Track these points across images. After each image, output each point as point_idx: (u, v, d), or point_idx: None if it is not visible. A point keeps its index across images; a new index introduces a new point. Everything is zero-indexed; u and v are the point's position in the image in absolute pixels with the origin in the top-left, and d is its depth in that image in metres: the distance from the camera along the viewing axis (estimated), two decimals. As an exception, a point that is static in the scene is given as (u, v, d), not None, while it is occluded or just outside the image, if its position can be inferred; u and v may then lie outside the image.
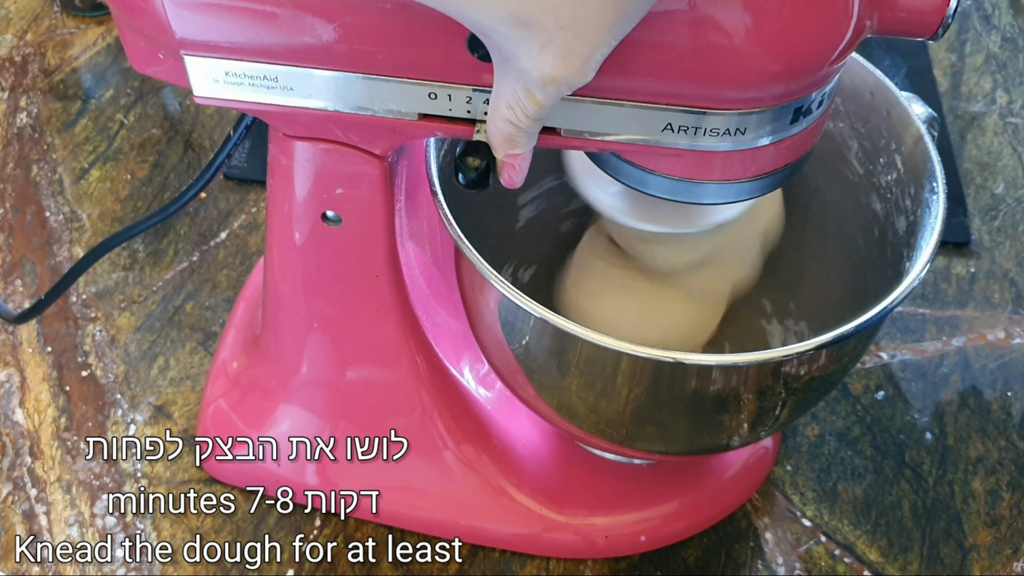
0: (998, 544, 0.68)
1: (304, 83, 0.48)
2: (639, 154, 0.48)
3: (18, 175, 0.86)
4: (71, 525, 0.68)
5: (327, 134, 0.52)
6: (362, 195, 0.55)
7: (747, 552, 0.68)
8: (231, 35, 0.46)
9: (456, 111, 0.47)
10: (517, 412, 0.68)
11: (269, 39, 0.46)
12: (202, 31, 0.46)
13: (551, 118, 0.46)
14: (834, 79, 0.46)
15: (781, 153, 0.47)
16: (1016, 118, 0.90)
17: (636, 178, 0.49)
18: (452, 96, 0.47)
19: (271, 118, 0.52)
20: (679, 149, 0.46)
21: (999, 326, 0.77)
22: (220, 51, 0.47)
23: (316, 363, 0.65)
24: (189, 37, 0.47)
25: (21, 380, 0.74)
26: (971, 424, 0.73)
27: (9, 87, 0.92)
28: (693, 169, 0.47)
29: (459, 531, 0.67)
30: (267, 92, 0.48)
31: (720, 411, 0.56)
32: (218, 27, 0.46)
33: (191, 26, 0.46)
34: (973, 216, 0.83)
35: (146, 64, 0.50)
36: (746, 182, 0.48)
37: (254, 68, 0.47)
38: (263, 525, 0.68)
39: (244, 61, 0.47)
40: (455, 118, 0.47)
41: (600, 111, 0.46)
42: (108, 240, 0.61)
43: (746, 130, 0.45)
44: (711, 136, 0.45)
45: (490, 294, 0.55)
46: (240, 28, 0.46)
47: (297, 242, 0.58)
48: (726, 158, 0.47)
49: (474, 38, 0.43)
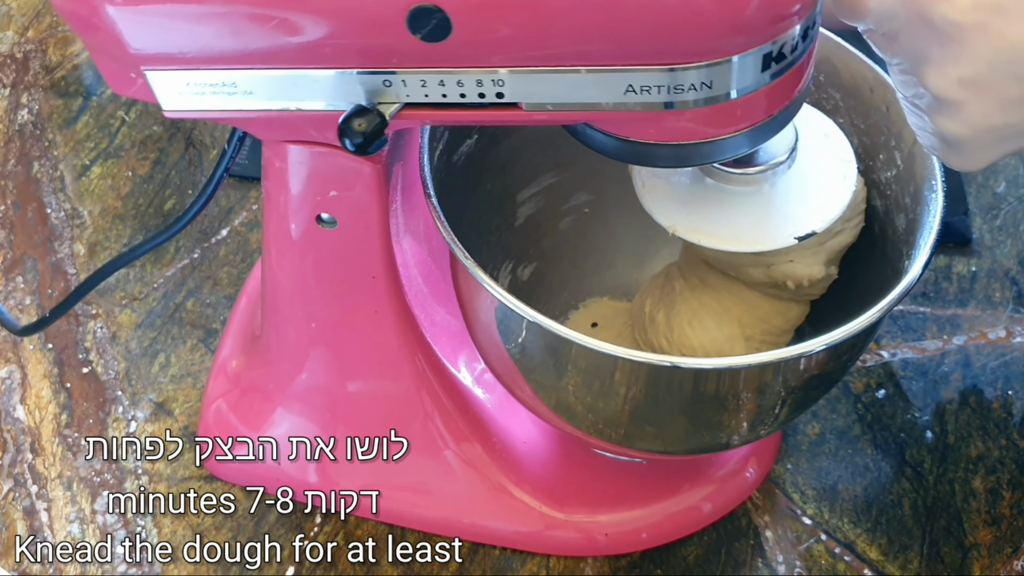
0: (998, 543, 0.68)
1: (261, 85, 0.48)
2: (616, 123, 0.47)
3: (19, 172, 0.86)
4: (72, 522, 0.68)
5: (304, 135, 0.52)
6: (356, 197, 0.55)
7: (747, 550, 0.68)
8: (181, 44, 0.46)
9: (414, 96, 0.47)
10: (517, 410, 0.68)
11: (218, 43, 0.46)
12: (153, 42, 0.47)
13: (511, 93, 0.46)
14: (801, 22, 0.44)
15: (766, 102, 0.46)
16: (1020, 113, 0.90)
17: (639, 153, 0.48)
18: (407, 82, 0.46)
19: (244, 125, 0.52)
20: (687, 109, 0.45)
21: (1000, 325, 0.77)
22: (176, 62, 0.47)
23: (314, 364, 0.65)
24: (143, 50, 0.47)
25: (22, 377, 0.75)
26: (972, 423, 0.73)
27: (10, 84, 0.93)
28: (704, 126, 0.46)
29: (459, 529, 0.67)
30: (229, 98, 0.49)
31: (719, 411, 0.56)
32: (167, 37, 0.46)
33: (143, 38, 0.47)
34: (974, 215, 0.83)
35: (123, 86, 0.50)
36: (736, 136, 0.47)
37: (212, 76, 0.48)
38: (263, 524, 0.68)
39: (201, 70, 0.48)
40: (414, 103, 0.47)
41: (558, 80, 0.45)
42: (116, 259, 0.62)
43: (712, 84, 0.44)
44: (676, 92, 0.44)
45: (485, 297, 0.55)
46: (187, 35, 0.46)
47: (293, 244, 0.58)
48: (705, 114, 0.45)
49: (414, 18, 0.43)
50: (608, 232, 0.74)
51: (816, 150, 0.57)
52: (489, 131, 0.64)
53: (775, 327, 0.62)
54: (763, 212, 0.55)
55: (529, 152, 0.68)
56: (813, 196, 0.56)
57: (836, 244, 0.59)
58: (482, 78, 0.45)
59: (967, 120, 0.46)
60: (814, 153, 0.56)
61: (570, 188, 0.72)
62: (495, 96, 0.46)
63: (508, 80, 0.45)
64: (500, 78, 0.45)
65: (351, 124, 0.46)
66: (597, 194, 0.72)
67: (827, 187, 0.56)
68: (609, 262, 0.74)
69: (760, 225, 0.55)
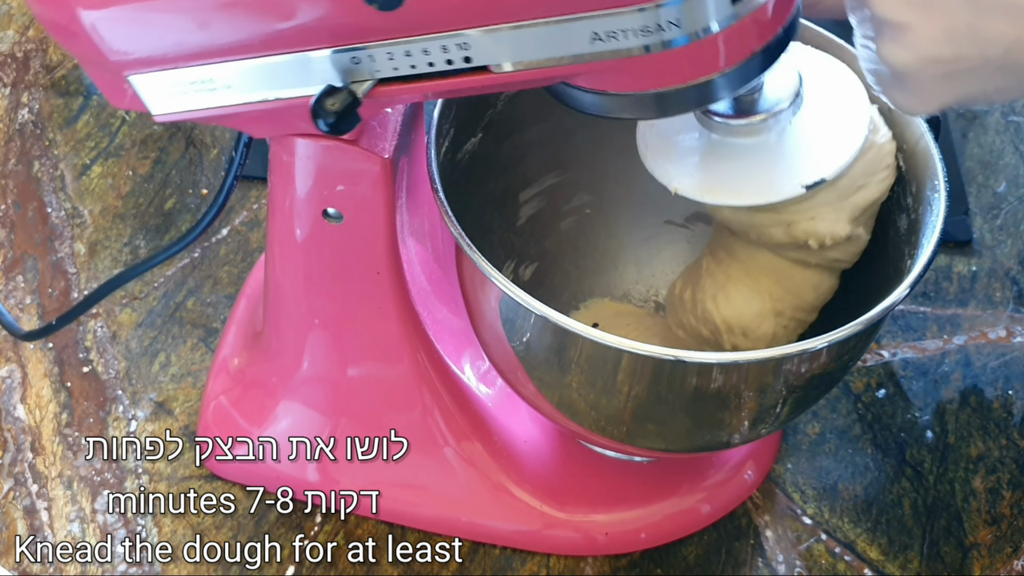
0: (998, 542, 0.68)
1: (237, 77, 0.48)
2: (592, 76, 0.46)
3: (20, 171, 0.86)
4: (72, 521, 0.68)
5: (294, 128, 0.52)
6: (363, 192, 0.55)
7: (747, 550, 0.68)
8: (154, 43, 0.46)
9: (384, 71, 0.46)
10: (518, 409, 0.68)
11: (189, 38, 0.46)
12: (128, 43, 0.47)
13: (477, 56, 0.45)
14: None
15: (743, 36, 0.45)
16: (1018, 116, 0.90)
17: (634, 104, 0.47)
18: (374, 56, 0.46)
19: (235, 123, 0.52)
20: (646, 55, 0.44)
21: (1000, 324, 0.77)
22: (154, 63, 0.47)
23: (317, 360, 0.65)
24: (121, 53, 0.47)
25: (22, 376, 0.74)
26: (972, 422, 0.73)
27: (11, 83, 0.93)
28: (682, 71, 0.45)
29: (459, 528, 0.67)
30: (211, 95, 0.49)
31: (721, 408, 0.56)
32: (140, 37, 0.46)
33: (118, 40, 0.47)
34: (975, 214, 0.83)
35: (118, 98, 0.50)
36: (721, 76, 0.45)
37: (189, 74, 0.48)
38: (263, 524, 0.68)
39: (179, 68, 0.48)
40: (387, 79, 0.47)
41: (521, 36, 0.44)
42: (129, 270, 0.63)
43: (683, 21, 0.43)
44: (646, 34, 0.43)
45: (491, 291, 0.55)
46: (159, 33, 0.46)
47: (298, 239, 0.58)
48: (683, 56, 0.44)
49: None
50: (610, 233, 0.74)
51: (827, 96, 0.54)
52: (493, 129, 0.65)
53: (806, 302, 0.59)
54: (770, 163, 0.53)
55: (532, 152, 0.68)
56: (823, 144, 0.53)
57: (860, 200, 0.56)
58: (446, 43, 0.45)
59: (913, 45, 0.44)
60: (825, 100, 0.54)
61: (572, 188, 0.72)
62: (463, 61, 0.45)
63: (472, 43, 0.44)
64: (464, 41, 0.44)
65: (323, 104, 0.45)
66: (599, 195, 0.72)
67: (839, 134, 0.53)
68: (611, 263, 0.74)
69: (766, 177, 0.53)
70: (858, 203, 0.56)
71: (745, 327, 0.59)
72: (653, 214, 0.73)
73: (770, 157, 0.53)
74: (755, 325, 0.59)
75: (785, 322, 0.59)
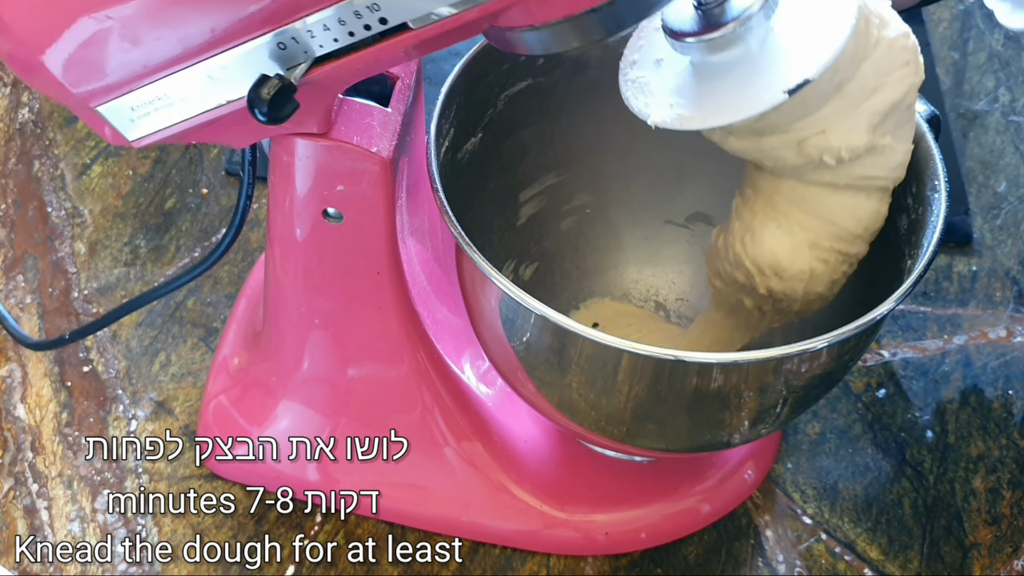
0: (999, 542, 0.68)
1: (186, 88, 0.49)
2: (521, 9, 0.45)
3: (20, 171, 0.86)
4: (72, 520, 0.68)
5: (264, 131, 0.52)
6: (363, 192, 0.55)
7: (747, 549, 0.68)
8: (100, 68, 0.47)
9: (312, 50, 0.46)
10: (518, 409, 0.68)
11: (128, 57, 0.47)
12: (78, 74, 0.48)
13: (390, 14, 0.45)
14: None
15: None
16: (1018, 116, 0.90)
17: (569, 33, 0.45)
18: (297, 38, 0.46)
19: (207, 136, 0.52)
20: None
21: (1000, 324, 0.77)
22: (111, 90, 0.49)
23: (317, 360, 0.65)
24: (76, 82, 0.48)
25: (23, 375, 0.74)
26: (972, 422, 0.73)
27: (11, 82, 0.93)
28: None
29: (460, 528, 0.67)
30: (171, 110, 0.50)
31: (721, 408, 0.56)
32: (86, 64, 0.47)
33: (70, 73, 0.47)
34: (975, 214, 0.83)
35: (102, 132, 0.52)
36: None
37: (144, 94, 0.49)
38: (263, 523, 0.68)
39: (133, 91, 0.49)
40: (319, 59, 0.47)
41: None
42: (149, 292, 0.65)
43: None
44: None
45: (491, 291, 0.55)
46: (99, 57, 0.47)
47: (298, 239, 0.58)
48: None
49: None
50: (610, 232, 0.74)
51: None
52: (493, 129, 0.65)
53: (844, 230, 0.54)
54: (752, 76, 0.50)
55: (532, 152, 0.69)
56: (807, 45, 0.49)
57: (878, 104, 0.51)
58: (358, 8, 0.45)
59: None
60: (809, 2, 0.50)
61: (572, 188, 0.72)
62: (379, 23, 0.45)
63: (381, 2, 0.44)
64: (373, 3, 0.44)
65: (258, 94, 0.46)
66: (599, 194, 0.72)
67: (824, 32, 0.49)
68: (611, 262, 0.74)
69: (749, 91, 0.49)
70: (876, 108, 0.51)
71: (776, 266, 0.55)
72: (653, 214, 0.73)
73: (752, 69, 0.49)
74: (787, 262, 0.55)
75: (824, 255, 0.55)
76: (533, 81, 0.65)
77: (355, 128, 0.54)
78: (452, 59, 0.61)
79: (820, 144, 0.51)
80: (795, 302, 0.57)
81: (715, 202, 0.70)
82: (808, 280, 0.55)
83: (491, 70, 0.62)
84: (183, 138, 0.52)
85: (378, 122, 0.55)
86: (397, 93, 0.57)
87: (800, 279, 0.55)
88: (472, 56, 0.61)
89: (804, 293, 0.56)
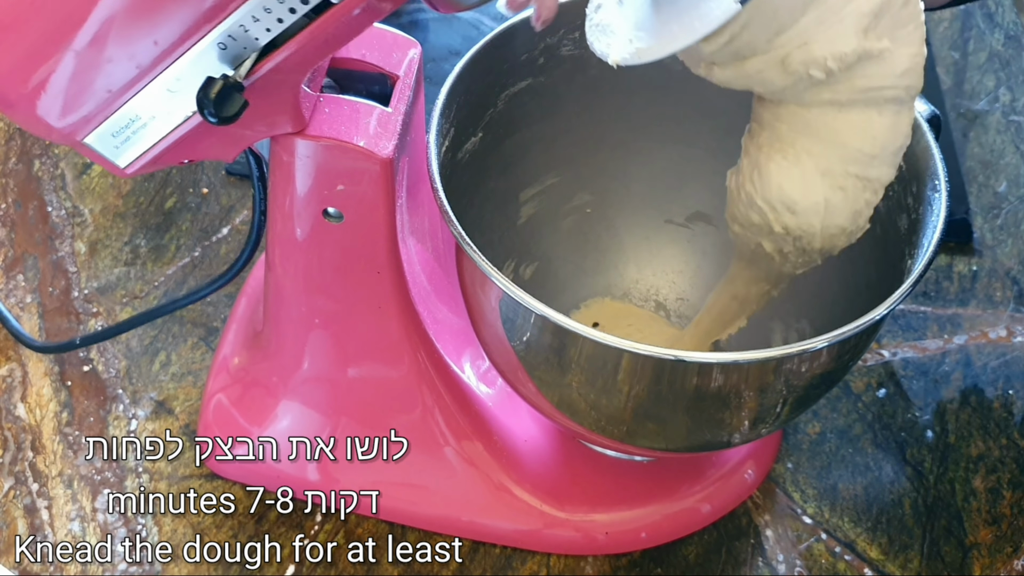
0: (999, 542, 0.68)
1: (151, 104, 0.50)
2: None
3: (20, 170, 0.86)
4: (72, 520, 0.68)
5: (244, 140, 0.53)
6: (363, 191, 0.55)
7: (748, 549, 0.68)
8: (74, 99, 0.49)
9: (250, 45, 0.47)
10: (518, 408, 0.68)
11: (94, 84, 0.48)
12: (54, 107, 0.49)
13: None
14: None
15: None
16: (1019, 116, 0.90)
17: None
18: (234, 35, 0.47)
19: (193, 153, 0.53)
20: None
21: (1001, 324, 0.77)
22: (88, 122, 0.50)
23: (317, 359, 0.65)
24: (55, 117, 0.50)
25: (23, 375, 0.74)
26: (972, 422, 0.73)
27: (11, 82, 0.92)
28: None
29: (460, 527, 0.67)
30: (147, 131, 0.51)
31: (721, 408, 0.56)
32: (58, 95, 0.49)
33: (49, 109, 0.49)
34: (975, 214, 0.83)
35: (99, 163, 0.53)
36: None
37: (118, 119, 0.50)
38: (263, 523, 0.68)
39: (107, 118, 0.50)
40: (262, 54, 0.48)
41: None
42: (160, 307, 0.68)
43: None
44: None
45: (491, 291, 0.55)
46: (67, 87, 0.48)
47: (298, 238, 0.58)
48: None
49: None
50: (610, 232, 0.74)
51: None
52: (493, 129, 0.65)
53: (858, 151, 0.51)
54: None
55: (532, 151, 0.69)
56: None
57: (863, 4, 0.48)
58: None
59: None
60: None
61: (572, 188, 0.72)
62: (302, 3, 0.46)
63: None
64: None
65: (206, 95, 0.47)
66: (599, 194, 0.72)
67: None
68: (611, 262, 0.74)
69: (701, 10, 0.46)
70: (862, 9, 0.48)
71: (788, 201, 0.52)
72: (653, 214, 0.73)
73: None
74: (798, 195, 0.51)
75: (839, 182, 0.51)
76: (533, 81, 0.65)
77: (355, 128, 0.54)
78: (452, 59, 0.61)
79: (804, 58, 0.48)
80: (814, 238, 0.53)
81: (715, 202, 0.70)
82: (824, 212, 0.52)
83: (491, 70, 0.63)
84: (171, 158, 0.53)
85: (378, 122, 0.55)
86: (397, 93, 0.57)
87: (815, 211, 0.52)
88: (473, 56, 0.61)
89: (823, 228, 0.53)
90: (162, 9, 0.46)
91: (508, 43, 0.63)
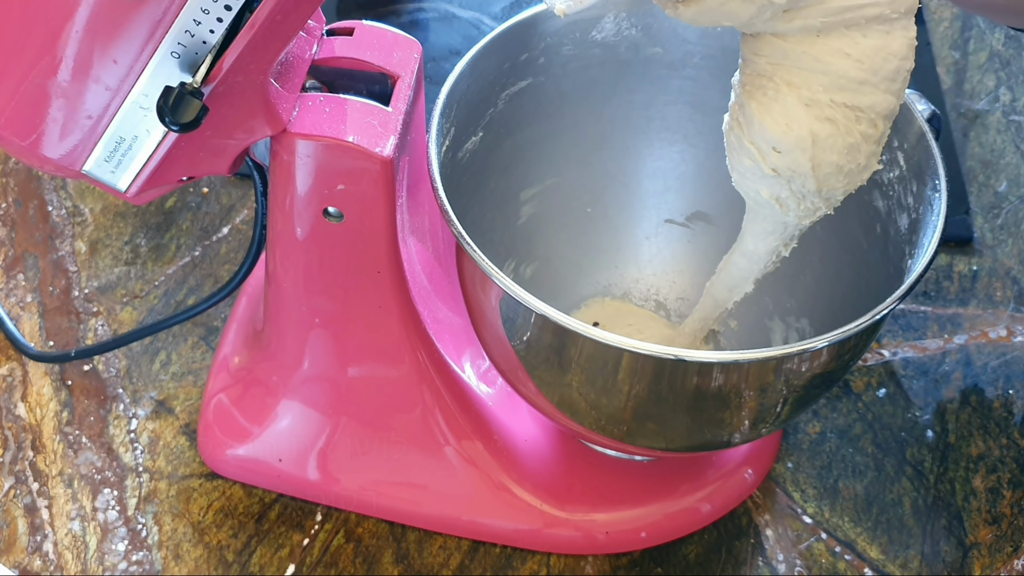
0: (999, 542, 0.68)
1: (132, 123, 0.50)
2: None
3: (20, 169, 0.86)
4: (72, 519, 0.68)
5: (233, 148, 0.53)
6: (363, 191, 0.55)
7: (748, 549, 0.68)
8: (60, 129, 0.50)
9: (200, 50, 0.48)
10: (518, 408, 0.68)
11: (74, 111, 0.49)
12: (44, 137, 0.50)
13: None
14: None
15: None
16: (1019, 116, 0.90)
17: None
18: (184, 42, 0.47)
19: (188, 168, 0.54)
20: None
21: (1001, 324, 0.77)
22: (79, 150, 0.51)
23: (317, 359, 0.65)
24: (49, 148, 0.50)
25: (23, 374, 0.74)
26: (972, 422, 0.73)
27: (12, 82, 0.93)
28: None
29: (460, 527, 0.67)
30: (135, 150, 0.51)
31: (721, 408, 0.56)
32: (43, 126, 0.50)
33: (40, 138, 0.50)
34: (975, 214, 0.83)
35: (116, 193, 0.54)
36: None
37: (105, 144, 0.51)
38: (263, 523, 0.68)
39: (96, 143, 0.51)
40: (216, 55, 0.48)
41: None
42: (166, 319, 0.69)
43: None
44: None
45: (491, 290, 0.55)
46: (50, 116, 0.49)
47: (298, 238, 0.58)
48: None
49: None
50: (610, 232, 0.74)
51: None
52: (493, 129, 0.65)
53: (843, 76, 0.47)
54: None
55: (532, 151, 0.69)
56: None
57: None
58: None
59: None
60: None
61: (572, 188, 0.72)
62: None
63: None
64: None
65: (165, 102, 0.47)
66: (599, 194, 0.73)
67: None
68: (611, 262, 0.74)
69: None
70: None
71: (772, 138, 0.49)
72: (653, 214, 0.73)
73: None
74: (781, 132, 0.48)
75: (826, 112, 0.48)
76: (533, 81, 0.65)
77: (355, 127, 0.54)
78: (452, 59, 0.61)
79: None
80: (807, 178, 0.50)
81: (715, 201, 0.71)
82: (813, 148, 0.49)
83: (491, 70, 0.63)
84: (169, 177, 0.54)
85: (378, 121, 0.55)
86: (397, 92, 0.57)
87: (801, 147, 0.49)
88: (473, 56, 0.61)
89: (814, 166, 0.50)
90: (113, 27, 0.47)
91: (508, 43, 0.63)
